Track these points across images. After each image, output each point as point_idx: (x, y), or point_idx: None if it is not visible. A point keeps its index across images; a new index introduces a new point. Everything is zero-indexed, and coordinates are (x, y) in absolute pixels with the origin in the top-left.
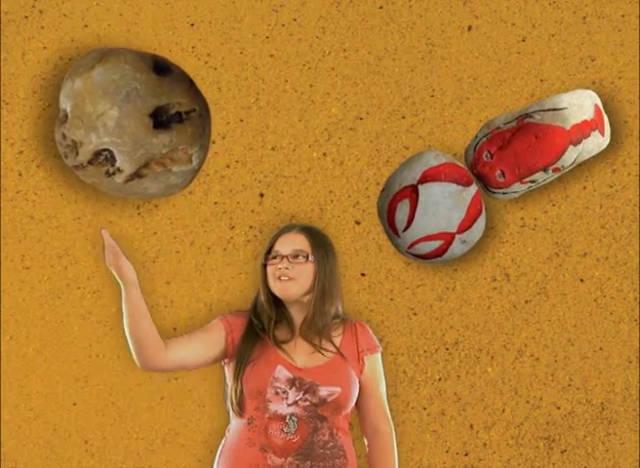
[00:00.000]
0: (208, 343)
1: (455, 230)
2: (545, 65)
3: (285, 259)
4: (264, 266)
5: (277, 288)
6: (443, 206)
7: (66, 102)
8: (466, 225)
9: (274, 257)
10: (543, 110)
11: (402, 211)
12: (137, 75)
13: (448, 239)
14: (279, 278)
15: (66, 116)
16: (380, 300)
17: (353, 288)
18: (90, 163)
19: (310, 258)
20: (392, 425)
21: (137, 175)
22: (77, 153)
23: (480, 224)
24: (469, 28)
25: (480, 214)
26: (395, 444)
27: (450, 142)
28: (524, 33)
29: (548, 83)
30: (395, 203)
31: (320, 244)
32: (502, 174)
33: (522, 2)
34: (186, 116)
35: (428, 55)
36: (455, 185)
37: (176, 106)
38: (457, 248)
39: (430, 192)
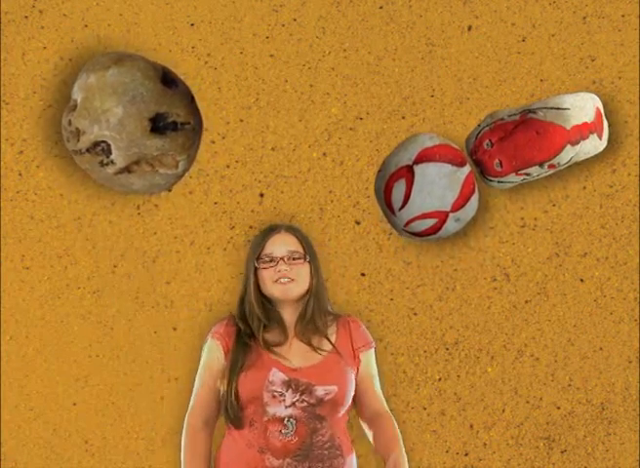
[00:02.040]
0: (218, 380)
1: (449, 209)
2: (545, 65)
3: (281, 261)
4: (255, 270)
5: (277, 290)
6: (438, 185)
7: (78, 93)
8: (460, 204)
9: (269, 260)
10: (547, 108)
11: (398, 190)
12: (145, 82)
13: (442, 217)
14: (278, 281)
15: (76, 105)
16: (380, 300)
17: (353, 288)
18: (88, 151)
19: (307, 258)
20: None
21: (127, 169)
22: (78, 140)
23: (473, 203)
24: (469, 28)
25: (473, 193)
26: (396, 424)
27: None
28: (524, 33)
29: (548, 83)
30: (392, 183)
31: (308, 242)
32: (500, 163)
33: (522, 2)
34: (181, 127)
35: (428, 55)
36: (449, 165)
37: (174, 116)
38: (450, 226)
39: (426, 172)
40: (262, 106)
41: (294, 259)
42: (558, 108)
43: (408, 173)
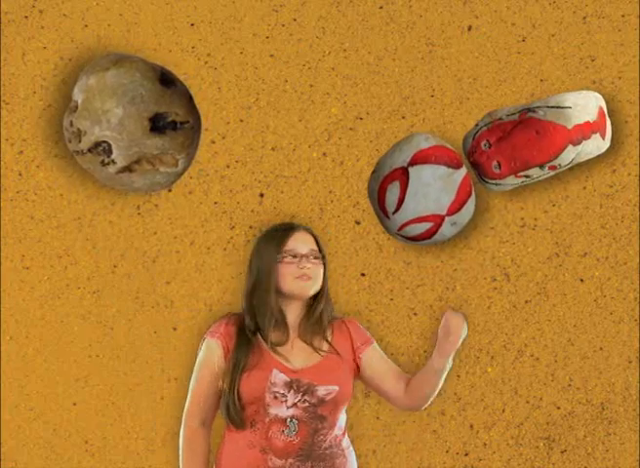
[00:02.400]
0: (218, 378)
1: (444, 212)
2: (545, 65)
3: (304, 258)
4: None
5: (296, 287)
6: (433, 188)
7: (79, 95)
8: (456, 207)
9: (293, 256)
10: (547, 107)
11: (392, 193)
12: (144, 83)
13: (438, 221)
14: (300, 277)
15: (77, 107)
16: (380, 300)
17: (353, 288)
18: (89, 151)
19: (324, 259)
20: None
21: (128, 168)
22: (80, 140)
23: (470, 206)
24: (469, 28)
25: (470, 196)
26: None
27: (450, 142)
28: (524, 33)
29: (548, 83)
30: (386, 185)
31: (321, 244)
32: (499, 165)
33: (522, 2)
34: (180, 126)
35: (428, 55)
36: (445, 168)
37: (173, 116)
38: (446, 230)
39: (421, 174)
40: (262, 106)
41: (315, 258)
42: (559, 107)
43: (402, 175)
